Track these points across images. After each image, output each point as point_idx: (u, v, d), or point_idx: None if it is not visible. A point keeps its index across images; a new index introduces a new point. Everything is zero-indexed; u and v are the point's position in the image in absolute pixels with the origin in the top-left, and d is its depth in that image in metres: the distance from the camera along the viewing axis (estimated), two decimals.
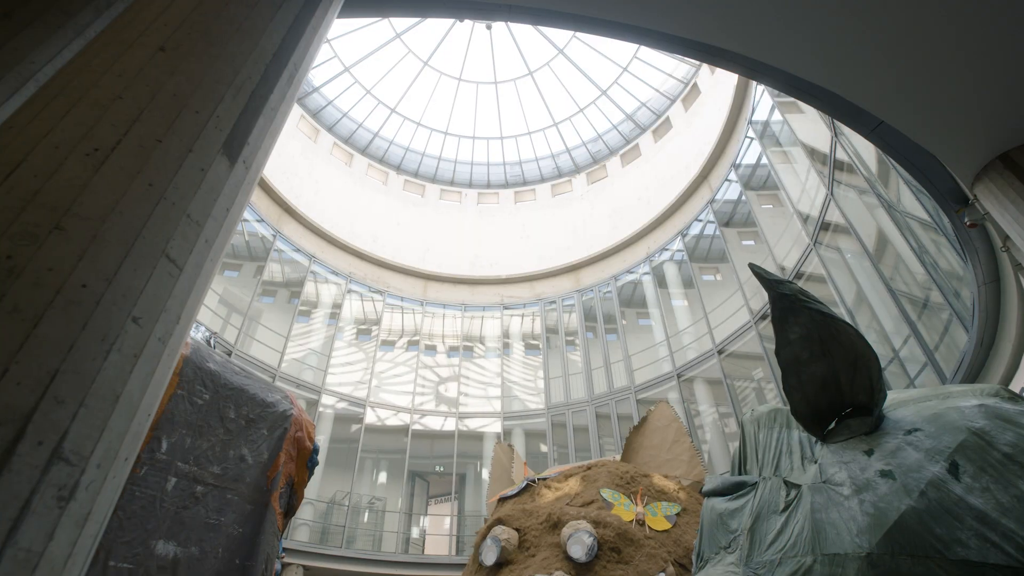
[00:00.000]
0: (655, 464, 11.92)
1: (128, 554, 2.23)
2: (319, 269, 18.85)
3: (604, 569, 9.05)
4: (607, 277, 19.15)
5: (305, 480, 3.08)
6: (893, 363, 9.03)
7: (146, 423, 1.06)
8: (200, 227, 1.08)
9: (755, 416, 5.64)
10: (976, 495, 3.46)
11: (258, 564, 2.63)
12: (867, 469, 4.00)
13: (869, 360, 4.16)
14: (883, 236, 8.80)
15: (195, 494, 2.51)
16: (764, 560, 4.01)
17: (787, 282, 4.37)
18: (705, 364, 14.33)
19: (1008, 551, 3.18)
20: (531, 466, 15.54)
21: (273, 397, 3.05)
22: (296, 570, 13.29)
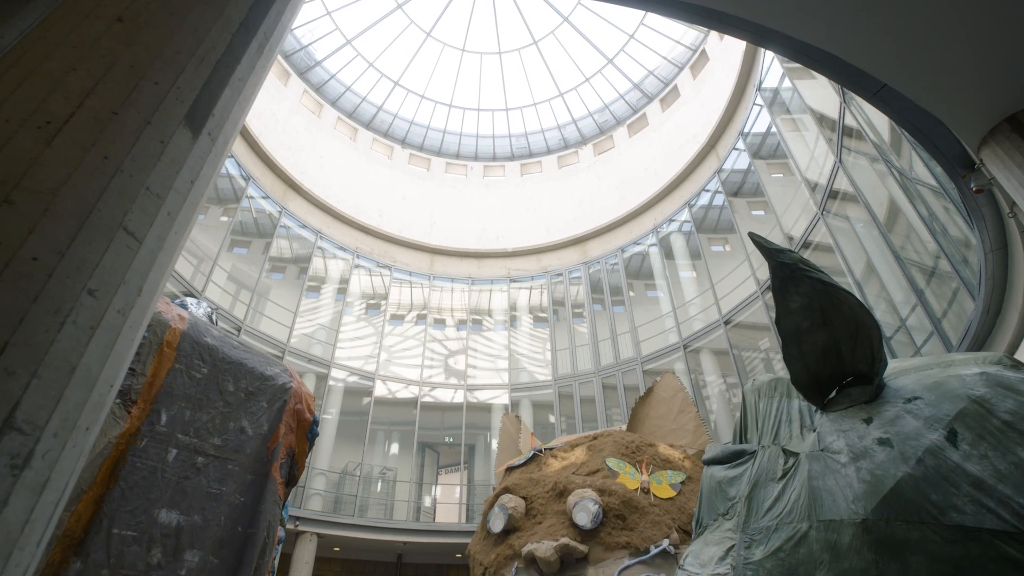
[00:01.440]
0: (661, 434, 12.03)
1: (132, 522, 2.30)
2: (326, 245, 18.90)
3: (609, 536, 9.23)
4: (614, 249, 19.06)
5: (306, 451, 3.14)
6: (899, 332, 8.99)
7: (109, 394, 1.07)
8: (161, 200, 1.07)
9: (756, 386, 5.66)
10: (974, 462, 3.48)
11: (260, 531, 2.70)
12: (865, 437, 4.02)
13: (870, 329, 4.14)
14: (891, 204, 8.67)
15: (196, 465, 2.58)
16: (761, 526, 4.07)
17: (787, 251, 4.33)
18: (711, 335, 14.33)
19: (1003, 516, 3.21)
20: (538, 436, 15.75)
21: (272, 370, 3.09)
22: (310, 538, 13.66)
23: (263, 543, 2.73)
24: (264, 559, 2.73)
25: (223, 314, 14.54)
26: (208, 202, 15.83)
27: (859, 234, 9.93)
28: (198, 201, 1.10)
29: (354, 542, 14.77)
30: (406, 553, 16.05)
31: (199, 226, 15.70)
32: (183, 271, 13.68)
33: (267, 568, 2.77)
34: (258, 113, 17.84)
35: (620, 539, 9.16)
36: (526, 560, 9.44)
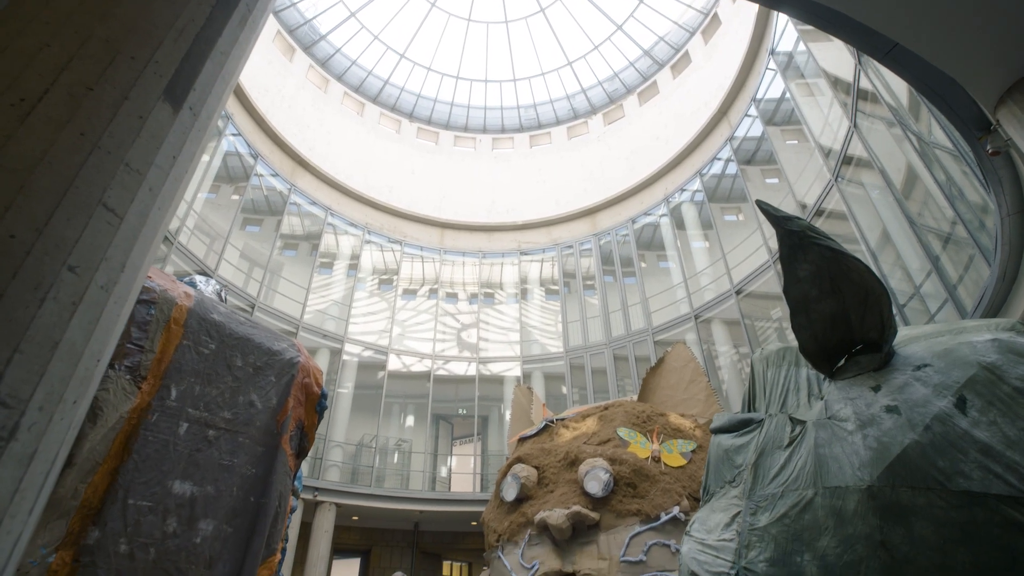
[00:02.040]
0: (672, 403, 12.10)
1: (147, 493, 2.38)
2: (336, 221, 18.94)
3: (620, 503, 9.37)
4: (624, 220, 18.90)
5: (315, 423, 3.20)
6: (913, 299, 8.88)
7: (96, 368, 1.10)
8: (142, 176, 1.07)
9: (764, 355, 5.66)
10: (982, 428, 3.46)
11: (272, 501, 2.78)
12: (873, 405, 4.01)
13: (880, 296, 4.10)
14: (906, 169, 8.47)
15: (207, 438, 2.64)
16: (767, 493, 4.11)
17: (795, 218, 4.27)
18: (723, 305, 14.26)
19: (1011, 482, 3.20)
20: (550, 408, 15.92)
21: (279, 346, 3.14)
22: (329, 508, 14.02)
23: (275, 512, 2.81)
24: (277, 527, 2.82)
25: (237, 292, 14.71)
26: (218, 181, 15.88)
27: (873, 200, 9.74)
28: (182, 176, 1.11)
29: (372, 511, 15.14)
30: (422, 521, 16.44)
31: (210, 205, 15.78)
32: (196, 250, 13.81)
33: (280, 536, 2.86)
34: (264, 89, 17.74)
35: (631, 507, 9.31)
36: (539, 527, 9.64)
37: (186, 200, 13.50)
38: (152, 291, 2.59)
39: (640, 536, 9.00)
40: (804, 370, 5.12)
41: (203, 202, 15.02)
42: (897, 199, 8.82)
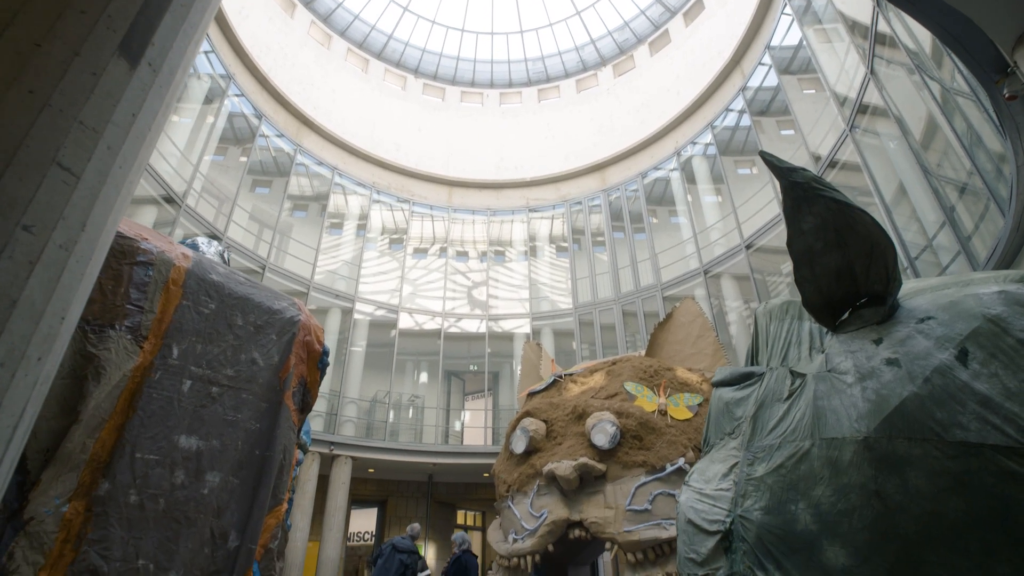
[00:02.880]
0: (679, 358, 12.18)
1: (153, 447, 2.47)
2: (343, 181, 18.83)
3: (626, 455, 9.58)
4: (634, 175, 18.60)
5: (317, 380, 3.27)
6: (926, 251, 8.74)
7: (61, 325, 1.12)
8: (98, 134, 1.06)
9: (768, 308, 5.64)
10: (982, 380, 3.45)
11: (276, 454, 2.87)
12: (873, 358, 4.01)
13: (885, 249, 4.04)
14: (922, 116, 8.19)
15: (211, 394, 2.72)
16: (764, 444, 4.17)
17: (800, 169, 4.19)
18: (733, 260, 14.13)
19: (1008, 432, 3.21)
20: (560, 364, 16.10)
21: (280, 304, 3.18)
22: (345, 461, 14.48)
23: (280, 464, 2.91)
24: (282, 478, 2.92)
25: (247, 254, 14.82)
26: (223, 143, 15.78)
27: (888, 151, 9.48)
28: (145, 134, 1.09)
29: (387, 464, 15.61)
30: (436, 473, 16.95)
31: (217, 167, 15.73)
32: (204, 213, 13.85)
33: (286, 486, 2.97)
34: (266, 48, 17.39)
35: (637, 458, 9.51)
36: (547, 478, 9.91)
37: (191, 162, 13.46)
38: (149, 253, 2.62)
39: (645, 486, 9.22)
40: (807, 324, 5.10)
41: (209, 164, 14.97)
42: (912, 148, 8.57)
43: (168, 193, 12.21)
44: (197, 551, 2.52)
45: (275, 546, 2.86)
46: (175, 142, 13.04)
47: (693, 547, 3.96)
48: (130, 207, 10.96)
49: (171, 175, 12.52)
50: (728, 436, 4.68)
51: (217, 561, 2.56)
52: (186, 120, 14.31)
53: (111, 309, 2.46)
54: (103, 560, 2.22)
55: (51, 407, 2.23)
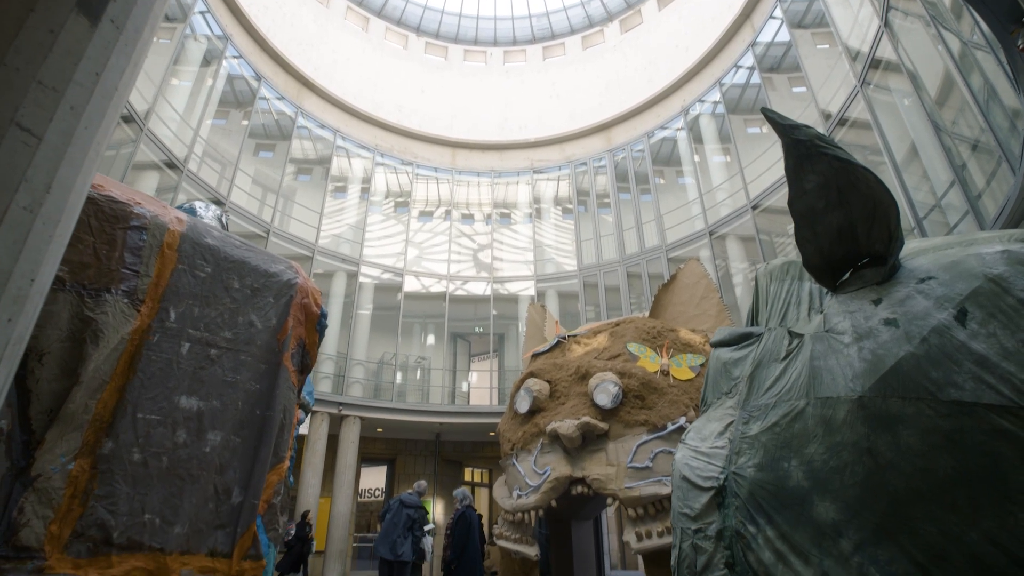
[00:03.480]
0: (683, 319, 12.22)
1: (154, 407, 2.53)
2: (346, 144, 18.62)
3: (628, 414, 9.73)
4: (639, 135, 18.27)
5: (316, 342, 3.31)
6: (934, 211, 8.62)
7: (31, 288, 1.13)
8: (59, 94, 1.02)
9: (768, 269, 5.62)
10: (980, 340, 3.45)
11: (276, 413, 2.94)
12: (872, 318, 4.01)
13: (888, 208, 3.99)
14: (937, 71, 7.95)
15: (210, 356, 2.76)
16: (760, 404, 4.22)
17: (803, 127, 4.11)
18: (738, 220, 13.99)
19: (1003, 392, 3.23)
20: (564, 325, 16.19)
21: (276, 267, 3.19)
22: (353, 421, 14.80)
23: (280, 423, 2.98)
24: (283, 437, 2.99)
25: (252, 218, 14.82)
26: (224, 106, 15.56)
27: (899, 107, 9.24)
28: (111, 94, 1.07)
29: (395, 423, 15.94)
30: (443, 432, 17.30)
31: (219, 132, 15.58)
32: (207, 178, 13.79)
33: (287, 445, 3.04)
34: (263, 7, 16.95)
35: (639, 417, 9.66)
36: (550, 437, 10.10)
37: (191, 127, 13.32)
38: (143, 217, 2.63)
39: (647, 444, 9.39)
40: (807, 284, 5.09)
41: (210, 128, 14.81)
42: (925, 104, 8.34)
43: (169, 158, 12.14)
44: (201, 506, 2.60)
45: (278, 502, 2.95)
46: (174, 106, 12.88)
47: (687, 502, 4.06)
48: (131, 173, 10.91)
49: (171, 140, 12.42)
50: (725, 395, 4.74)
51: (221, 516, 2.66)
52: (185, 83, 14.10)
53: (106, 273, 2.49)
54: (110, 514, 2.31)
55: (52, 369, 2.28)
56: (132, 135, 10.96)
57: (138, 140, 11.02)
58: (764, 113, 4.04)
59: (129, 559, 2.33)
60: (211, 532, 2.60)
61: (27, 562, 2.10)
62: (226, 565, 2.61)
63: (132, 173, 11.06)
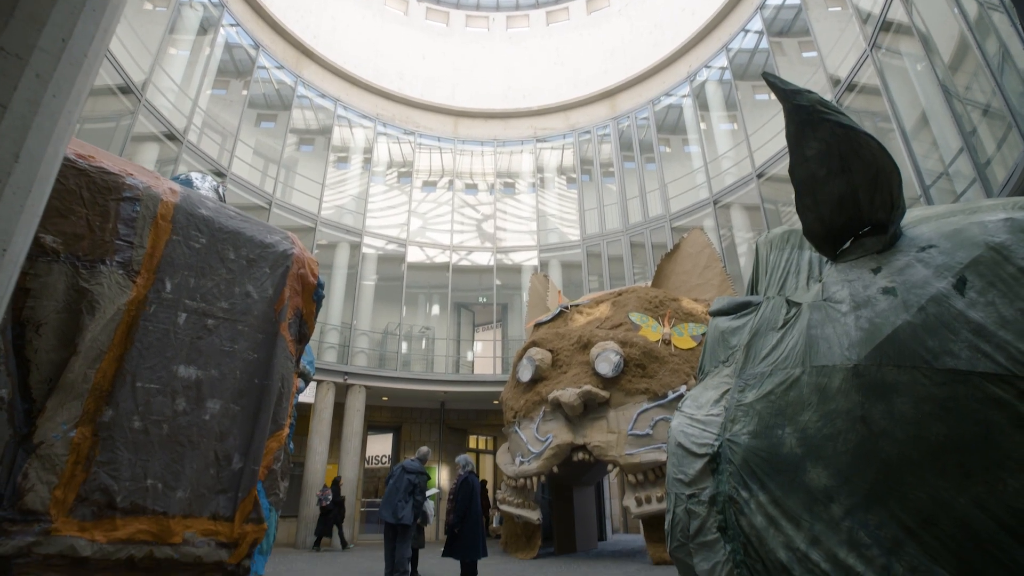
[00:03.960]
0: (686, 289, 12.23)
1: (153, 377, 2.57)
2: (347, 114, 18.38)
3: (629, 383, 9.83)
4: (644, 102, 17.95)
5: (313, 312, 3.33)
6: (941, 179, 8.49)
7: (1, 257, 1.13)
8: (23, 61, 0.99)
9: (768, 238, 5.59)
10: (978, 309, 3.44)
11: (274, 382, 2.98)
12: (870, 287, 4.00)
13: (891, 175, 3.94)
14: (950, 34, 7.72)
15: (207, 326, 2.79)
16: (756, 372, 4.24)
17: (805, 92, 4.03)
18: (743, 189, 13.83)
19: (998, 360, 3.23)
20: (568, 295, 16.22)
21: (272, 238, 3.20)
22: (359, 390, 15.00)
23: (279, 392, 3.02)
24: (282, 405, 3.04)
25: (254, 190, 14.75)
26: (222, 76, 15.33)
27: (909, 71, 9.02)
28: (80, 61, 1.05)
29: (399, 392, 16.14)
30: (448, 400, 17.51)
31: (218, 102, 15.39)
32: (208, 149, 13.68)
33: (286, 412, 3.10)
34: None
35: (639, 385, 9.77)
36: (552, 405, 10.26)
37: (190, 97, 13.15)
38: (135, 188, 2.62)
39: (647, 412, 9.52)
40: (807, 253, 5.06)
41: (209, 99, 14.62)
42: (936, 68, 8.14)
43: (168, 129, 12.03)
44: (202, 472, 2.66)
45: (278, 467, 3.02)
46: (171, 76, 12.71)
47: (682, 468, 4.11)
48: (130, 145, 10.84)
49: (170, 110, 12.29)
50: (722, 364, 4.77)
51: (223, 481, 2.72)
52: (182, 52, 13.88)
53: (100, 245, 2.50)
54: (113, 480, 2.37)
55: (49, 340, 2.31)
56: (130, 106, 10.85)
57: (136, 111, 10.91)
58: (765, 77, 3.96)
59: (133, 522, 2.40)
60: (213, 497, 2.67)
61: (34, 525, 2.17)
62: (228, 528, 2.69)
63: (131, 145, 10.98)
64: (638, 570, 8.60)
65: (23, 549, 2.17)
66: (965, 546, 3.21)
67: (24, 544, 2.18)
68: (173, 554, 2.53)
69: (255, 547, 2.83)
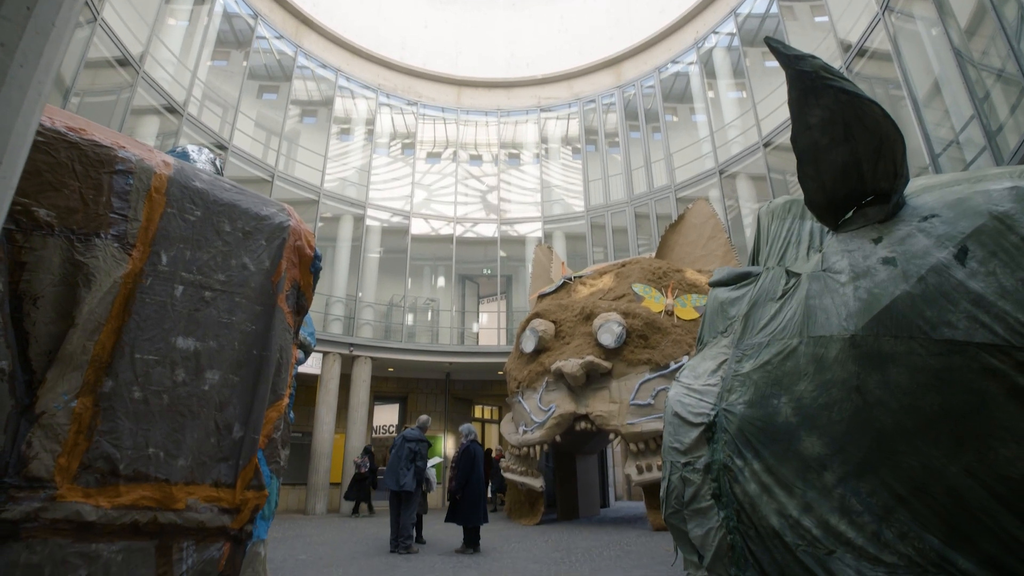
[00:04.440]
0: (690, 260, 12.18)
1: (151, 348, 2.60)
2: (348, 84, 18.12)
3: (631, 353, 9.89)
4: (650, 70, 17.60)
5: (311, 283, 3.35)
6: (951, 147, 8.35)
7: None
8: None
9: (770, 207, 5.54)
10: (979, 279, 3.42)
11: (273, 353, 3.02)
12: (870, 257, 3.97)
13: (895, 143, 3.88)
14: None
15: (204, 298, 2.81)
16: (753, 342, 4.25)
17: (808, 57, 3.96)
18: (750, 159, 13.64)
19: (996, 331, 3.22)
20: (571, 267, 16.20)
21: (268, 210, 3.20)
22: (365, 361, 15.15)
23: (277, 363, 3.06)
24: (281, 375, 3.09)
25: (256, 162, 14.67)
26: (221, 47, 15.10)
27: (923, 35, 8.78)
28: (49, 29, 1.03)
29: (405, 363, 16.29)
30: (453, 371, 17.69)
31: (220, 74, 15.19)
32: (209, 122, 13.56)
33: (285, 383, 3.14)
34: None
35: (642, 356, 9.82)
36: (555, 375, 10.35)
37: (189, 68, 12.99)
38: (128, 161, 2.62)
39: (649, 382, 9.59)
40: (808, 223, 5.02)
41: (208, 71, 14.43)
42: (949, 32, 7.93)
43: (168, 102, 11.92)
44: (203, 441, 2.72)
45: (278, 436, 3.08)
46: (169, 47, 12.54)
47: (677, 437, 4.17)
48: (130, 118, 10.76)
49: (169, 83, 12.16)
50: (721, 334, 4.78)
51: (224, 450, 2.78)
52: (181, 23, 13.66)
53: (94, 218, 2.51)
54: (115, 448, 2.43)
55: (47, 312, 2.35)
56: (129, 79, 10.74)
57: (135, 84, 10.80)
58: (768, 43, 3.89)
59: (136, 489, 2.46)
60: (214, 465, 2.73)
61: (39, 491, 2.23)
62: (230, 495, 2.76)
63: (131, 119, 10.90)
64: (638, 535, 8.79)
65: (30, 514, 2.24)
66: (955, 513, 3.26)
67: (31, 509, 2.24)
68: (176, 519, 2.60)
69: (257, 513, 2.91)
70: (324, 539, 8.68)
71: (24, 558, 2.17)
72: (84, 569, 2.30)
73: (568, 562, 6.35)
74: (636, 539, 8.36)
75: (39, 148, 2.36)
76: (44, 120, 2.41)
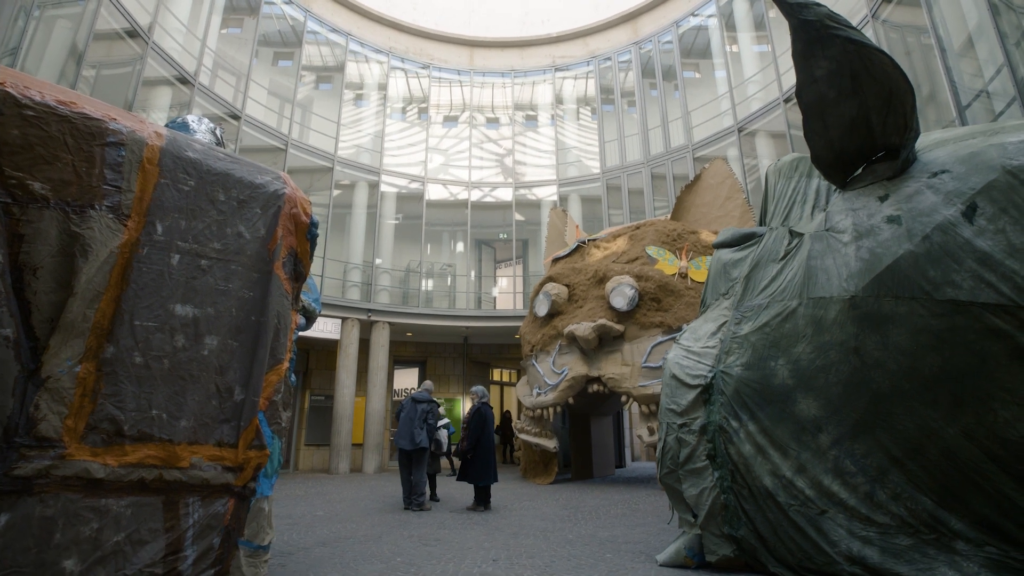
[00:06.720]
0: (706, 221, 12.00)
1: (150, 315, 2.70)
2: (360, 49, 17.88)
3: (644, 316, 9.89)
4: (668, 24, 16.99)
5: (308, 251, 3.41)
6: (980, 98, 7.99)
7: None
8: None
9: (778, 166, 5.41)
10: (986, 237, 3.33)
11: (270, 319, 3.10)
12: (875, 215, 3.89)
13: (904, 95, 3.75)
14: None
15: (200, 267, 2.89)
16: (753, 304, 4.23)
17: (813, 5, 3.81)
18: (770, 115, 13.20)
19: (1002, 290, 3.15)
20: (587, 229, 16.07)
21: (262, 179, 3.24)
22: (383, 326, 15.40)
23: (275, 328, 3.14)
24: (279, 340, 3.18)
25: (270, 131, 14.68)
26: (230, 14, 14.96)
27: None
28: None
29: (423, 328, 16.52)
30: (471, 335, 17.87)
31: (231, 42, 15.11)
32: (222, 92, 13.55)
33: (285, 348, 3.23)
34: None
35: (654, 319, 9.81)
36: (568, 338, 10.43)
37: (198, 37, 12.93)
38: (119, 133, 2.67)
39: (661, 345, 9.61)
40: (815, 181, 4.90)
41: (219, 39, 14.33)
42: None
43: (180, 72, 11.92)
44: (205, 403, 2.84)
45: (279, 399, 3.19)
46: (177, 16, 12.47)
47: (674, 399, 4.20)
48: (141, 90, 10.81)
49: (179, 52, 12.13)
50: (723, 296, 4.75)
51: (225, 412, 2.90)
52: None
53: (88, 190, 2.57)
54: (119, 410, 2.55)
55: (47, 282, 2.44)
56: (138, 50, 10.75)
57: (144, 55, 10.80)
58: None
59: (142, 448, 2.60)
60: (217, 426, 2.85)
61: (49, 450, 2.37)
62: (233, 454, 2.89)
63: (143, 90, 10.95)
64: (648, 495, 8.95)
65: (41, 471, 2.38)
66: (950, 474, 3.26)
67: (42, 467, 2.39)
68: (182, 476, 2.74)
69: (259, 471, 3.04)
70: (343, 496, 9.03)
71: (39, 511, 2.32)
72: (96, 522, 2.46)
73: (574, 519, 6.53)
74: (645, 498, 8.53)
75: (30, 122, 2.42)
76: (34, 94, 2.46)
